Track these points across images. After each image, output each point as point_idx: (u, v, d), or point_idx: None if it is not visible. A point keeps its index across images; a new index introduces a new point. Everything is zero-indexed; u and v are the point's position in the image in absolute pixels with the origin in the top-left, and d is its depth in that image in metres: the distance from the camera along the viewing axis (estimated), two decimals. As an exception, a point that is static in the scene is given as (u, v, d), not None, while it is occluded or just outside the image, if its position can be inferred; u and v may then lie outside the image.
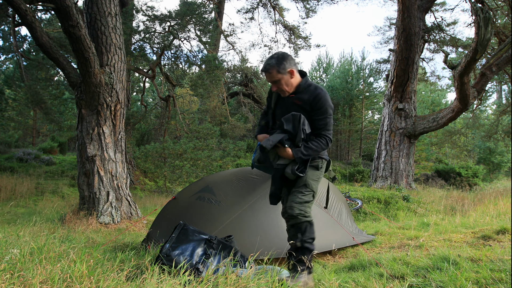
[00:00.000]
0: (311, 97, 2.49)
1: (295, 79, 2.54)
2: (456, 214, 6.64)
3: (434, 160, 22.82)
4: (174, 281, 2.03)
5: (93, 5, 5.88)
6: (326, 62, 28.05)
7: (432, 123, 11.82)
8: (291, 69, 2.49)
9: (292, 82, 2.54)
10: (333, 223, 4.32)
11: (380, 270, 2.77)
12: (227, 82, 20.48)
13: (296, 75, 2.54)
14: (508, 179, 18.76)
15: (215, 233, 3.58)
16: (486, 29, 8.05)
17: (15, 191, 9.57)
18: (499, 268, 2.54)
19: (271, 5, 18.36)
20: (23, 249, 2.27)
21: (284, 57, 2.51)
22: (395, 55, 12.08)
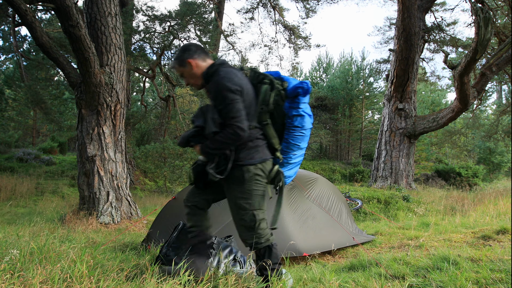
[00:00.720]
0: (211, 84, 2.14)
1: (199, 70, 2.21)
2: (456, 214, 6.64)
3: (434, 160, 22.82)
4: (174, 281, 2.03)
5: (93, 5, 5.88)
6: (326, 62, 28.05)
7: (432, 123, 11.82)
8: (188, 60, 2.19)
9: (196, 74, 2.22)
10: (333, 223, 4.32)
11: (380, 270, 2.77)
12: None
13: (199, 66, 2.21)
14: (508, 179, 18.76)
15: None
16: (486, 29, 8.05)
17: (15, 191, 9.57)
18: (499, 268, 2.54)
19: (271, 5, 18.36)
20: (23, 249, 2.27)
21: (184, 49, 2.25)
22: (395, 55, 12.08)
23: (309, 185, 4.46)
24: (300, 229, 3.87)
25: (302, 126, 2.27)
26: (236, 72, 2.16)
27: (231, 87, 2.03)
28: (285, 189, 4.06)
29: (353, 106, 24.44)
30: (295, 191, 4.22)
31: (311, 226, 4.05)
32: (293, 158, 2.35)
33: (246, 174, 2.12)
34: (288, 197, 4.10)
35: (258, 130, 2.20)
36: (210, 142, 2.09)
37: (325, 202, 4.51)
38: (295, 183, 4.26)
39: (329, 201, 4.60)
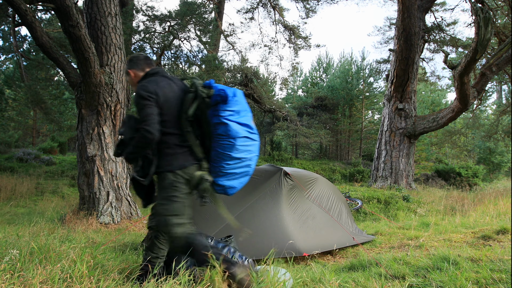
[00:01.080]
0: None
1: (136, 79, 2.38)
2: (456, 214, 6.64)
3: (434, 160, 22.82)
4: (173, 281, 2.03)
5: (93, 5, 5.88)
6: (326, 62, 28.06)
7: (432, 123, 11.83)
8: (128, 70, 2.39)
9: (134, 82, 2.38)
10: (333, 223, 4.33)
11: (380, 270, 2.77)
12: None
13: (137, 75, 2.38)
14: (508, 179, 18.76)
15: (215, 233, 3.59)
16: (486, 29, 8.05)
17: (15, 191, 9.57)
18: (499, 268, 2.54)
19: (271, 5, 18.36)
20: (23, 249, 2.27)
21: (129, 59, 2.44)
22: (395, 55, 12.08)
23: (309, 185, 4.47)
24: (300, 229, 3.88)
25: (228, 134, 2.19)
26: (159, 81, 2.25)
27: (143, 94, 2.14)
28: (285, 189, 4.08)
29: (353, 106, 24.45)
30: (295, 191, 4.22)
31: (311, 226, 4.05)
32: (228, 167, 2.26)
33: (164, 181, 2.18)
34: (288, 197, 4.11)
35: (178, 137, 2.23)
36: (128, 147, 2.19)
37: (325, 202, 4.51)
38: (295, 183, 4.26)
39: (329, 201, 4.60)
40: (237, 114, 2.23)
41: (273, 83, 27.11)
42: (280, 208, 3.92)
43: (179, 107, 2.24)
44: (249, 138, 2.26)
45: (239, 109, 2.23)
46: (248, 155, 2.28)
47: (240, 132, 2.21)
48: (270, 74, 31.69)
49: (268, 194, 4.02)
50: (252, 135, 2.28)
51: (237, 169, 2.28)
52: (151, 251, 2.28)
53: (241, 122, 2.23)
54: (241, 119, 2.23)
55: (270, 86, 25.49)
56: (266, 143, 25.85)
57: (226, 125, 2.18)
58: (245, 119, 2.26)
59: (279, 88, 33.56)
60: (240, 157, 2.25)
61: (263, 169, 4.41)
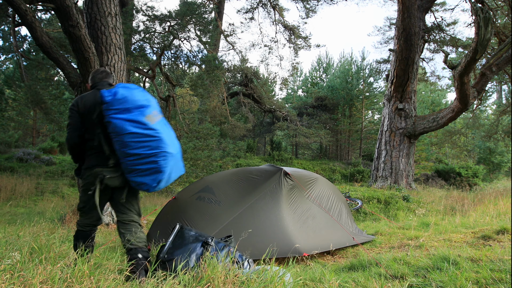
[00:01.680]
0: None
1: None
2: (456, 214, 6.64)
3: (434, 160, 22.82)
4: (173, 281, 2.03)
5: (93, 5, 5.87)
6: (326, 62, 28.06)
7: (432, 123, 11.82)
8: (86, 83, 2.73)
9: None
10: (333, 223, 4.33)
11: (380, 270, 2.77)
12: (227, 82, 20.48)
13: (87, 88, 2.73)
14: (508, 179, 18.76)
15: (215, 233, 3.59)
16: (486, 29, 8.05)
17: (15, 191, 9.57)
18: (499, 268, 2.54)
19: (271, 5, 18.36)
20: (23, 249, 2.27)
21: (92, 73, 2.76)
22: (395, 55, 12.08)
23: (309, 185, 4.46)
24: (300, 229, 3.88)
25: (115, 132, 2.34)
26: (89, 93, 2.57)
27: (72, 107, 2.52)
28: (285, 189, 4.08)
29: (353, 106, 24.45)
30: (295, 191, 4.22)
31: (311, 226, 4.05)
32: (130, 164, 2.37)
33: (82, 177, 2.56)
34: (288, 197, 4.11)
35: (93, 141, 2.47)
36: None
37: (325, 202, 4.51)
38: (295, 183, 4.26)
39: (329, 201, 4.60)
40: (124, 112, 2.34)
41: (273, 83, 27.11)
42: (280, 208, 3.92)
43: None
44: (142, 135, 2.33)
45: (127, 107, 2.35)
46: (147, 151, 2.34)
47: (127, 128, 2.31)
48: (270, 74, 31.69)
49: (268, 194, 4.02)
50: (147, 131, 2.34)
51: (140, 165, 2.35)
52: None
53: (129, 119, 2.33)
54: (130, 116, 2.33)
55: (270, 86, 25.49)
56: (266, 143, 25.85)
57: (111, 123, 2.35)
58: (135, 116, 2.34)
59: (279, 88, 33.59)
60: (136, 153, 2.33)
61: (263, 169, 4.41)
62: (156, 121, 2.43)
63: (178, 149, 2.56)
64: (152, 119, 2.40)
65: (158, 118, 2.46)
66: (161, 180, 2.43)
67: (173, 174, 2.52)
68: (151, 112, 2.41)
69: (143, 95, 2.47)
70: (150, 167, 2.37)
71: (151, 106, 2.43)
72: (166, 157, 2.39)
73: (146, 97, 2.46)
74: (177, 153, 2.53)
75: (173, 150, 2.46)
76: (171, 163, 2.43)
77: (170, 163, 2.43)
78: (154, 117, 2.42)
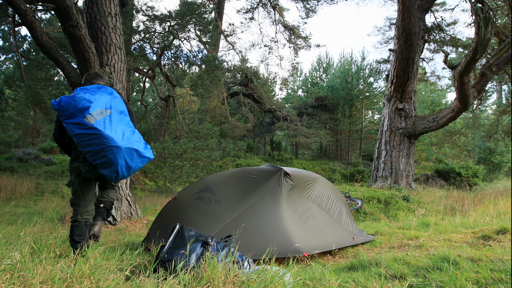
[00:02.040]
0: None
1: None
2: (456, 214, 6.64)
3: (434, 160, 22.82)
4: (173, 281, 2.03)
5: (93, 5, 5.88)
6: (326, 62, 28.06)
7: (432, 123, 11.82)
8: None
9: None
10: (333, 223, 4.33)
11: (380, 270, 2.77)
12: (227, 82, 20.48)
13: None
14: (508, 179, 18.76)
15: (215, 233, 3.59)
16: (486, 29, 8.05)
17: (15, 191, 9.57)
18: (499, 268, 2.54)
19: (271, 5, 18.36)
20: (23, 249, 2.27)
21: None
22: (395, 55, 12.08)
23: (309, 185, 4.46)
24: (300, 229, 3.88)
25: (70, 134, 2.74)
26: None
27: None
28: (285, 189, 4.08)
29: (353, 106, 24.45)
30: (295, 191, 4.22)
31: (311, 226, 4.05)
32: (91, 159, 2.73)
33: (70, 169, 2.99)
34: (288, 197, 4.11)
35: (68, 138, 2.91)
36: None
37: (325, 202, 4.51)
38: (295, 183, 4.26)
39: (329, 201, 4.60)
40: (70, 117, 2.70)
41: (273, 83, 27.11)
42: (280, 208, 3.92)
43: None
44: (85, 134, 2.65)
45: (71, 112, 2.70)
46: (94, 148, 2.66)
47: (74, 131, 2.68)
48: (270, 74, 31.69)
49: (268, 194, 4.02)
50: (88, 130, 2.65)
51: (97, 160, 2.71)
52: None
53: (74, 122, 2.68)
54: (74, 120, 2.68)
55: (270, 86, 25.49)
56: (266, 143, 25.85)
57: (65, 127, 2.74)
58: (78, 119, 2.67)
59: (279, 88, 33.59)
60: (88, 150, 2.70)
61: (263, 169, 4.41)
62: (98, 119, 2.68)
63: (130, 140, 2.79)
64: (91, 119, 2.66)
65: (103, 115, 2.72)
66: (117, 171, 2.74)
67: (132, 163, 2.78)
68: (91, 112, 2.67)
69: (85, 97, 2.74)
70: (103, 161, 2.70)
71: (91, 107, 2.69)
72: (112, 150, 2.66)
73: (88, 99, 2.73)
74: (127, 144, 2.74)
75: (120, 143, 2.69)
76: (120, 155, 2.69)
77: (120, 155, 2.69)
78: (95, 116, 2.68)
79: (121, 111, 2.86)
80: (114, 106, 2.82)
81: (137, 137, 2.86)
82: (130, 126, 2.88)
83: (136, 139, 2.83)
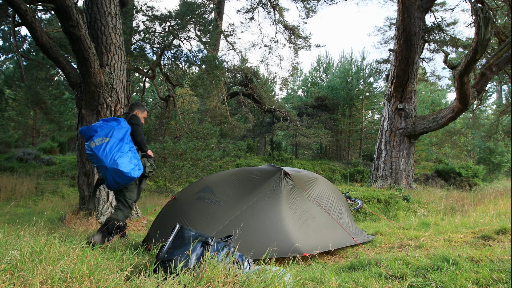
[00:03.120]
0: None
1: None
2: (456, 214, 6.64)
3: (434, 160, 22.82)
4: (173, 281, 2.03)
5: (93, 5, 5.88)
6: (326, 62, 28.06)
7: (432, 123, 11.82)
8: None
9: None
10: (333, 223, 4.33)
11: (380, 270, 2.77)
12: (227, 82, 20.48)
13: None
14: (508, 179, 18.76)
15: (215, 233, 3.59)
16: (486, 29, 8.05)
17: (15, 191, 9.57)
18: (499, 268, 2.54)
19: (271, 5, 18.36)
20: (23, 249, 2.27)
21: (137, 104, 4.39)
22: (395, 55, 12.08)
23: (309, 185, 4.46)
24: (300, 229, 3.87)
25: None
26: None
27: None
28: (285, 189, 4.08)
29: (353, 106, 24.45)
30: (295, 191, 4.22)
31: (311, 226, 4.04)
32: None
33: None
34: (288, 197, 4.11)
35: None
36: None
37: (325, 202, 4.51)
38: (295, 183, 4.26)
39: (329, 201, 4.60)
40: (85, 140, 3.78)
41: (273, 83, 27.12)
42: (280, 208, 3.92)
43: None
44: (89, 154, 3.71)
45: (85, 137, 3.78)
46: (95, 164, 3.77)
47: (86, 150, 3.78)
48: (270, 74, 31.68)
49: (268, 194, 4.01)
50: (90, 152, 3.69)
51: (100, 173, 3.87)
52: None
53: (86, 144, 3.75)
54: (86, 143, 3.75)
55: (270, 86, 25.49)
56: (266, 143, 25.85)
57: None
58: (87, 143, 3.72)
59: (279, 88, 33.58)
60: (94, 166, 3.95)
61: (263, 169, 4.41)
62: (97, 144, 3.65)
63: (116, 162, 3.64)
64: (93, 144, 3.66)
65: (102, 142, 3.67)
66: (108, 184, 3.77)
67: (118, 179, 3.68)
68: (94, 139, 3.68)
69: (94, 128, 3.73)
70: (101, 174, 3.80)
71: (96, 135, 3.69)
72: (101, 168, 3.69)
73: (95, 129, 3.72)
74: (113, 165, 3.63)
75: (107, 164, 3.62)
76: (108, 172, 3.65)
77: (108, 172, 3.65)
78: (96, 142, 3.66)
79: (120, 138, 3.74)
80: (114, 135, 3.71)
81: (126, 160, 3.69)
82: (123, 151, 3.70)
83: (124, 162, 3.66)
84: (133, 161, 3.74)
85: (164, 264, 2.46)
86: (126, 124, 3.89)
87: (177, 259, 2.46)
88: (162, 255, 2.53)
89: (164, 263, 2.48)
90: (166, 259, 2.50)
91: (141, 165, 3.83)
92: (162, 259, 2.50)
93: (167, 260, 2.48)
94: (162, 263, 2.48)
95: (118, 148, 3.66)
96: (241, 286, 2.13)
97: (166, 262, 2.47)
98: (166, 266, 2.44)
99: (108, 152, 3.61)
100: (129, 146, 3.79)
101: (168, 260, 2.48)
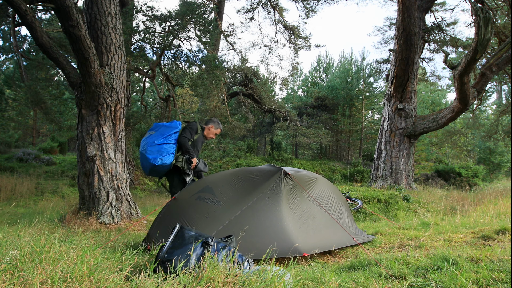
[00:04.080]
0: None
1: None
2: (456, 214, 6.64)
3: (434, 160, 22.82)
4: (173, 281, 2.03)
5: (93, 5, 5.88)
6: (326, 62, 28.06)
7: (432, 123, 11.82)
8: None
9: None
10: (333, 223, 4.33)
11: (380, 270, 2.77)
12: (227, 82, 20.47)
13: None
14: (508, 179, 18.76)
15: (215, 233, 3.59)
16: (486, 29, 8.05)
17: (15, 191, 9.57)
18: (499, 268, 2.54)
19: (271, 5, 18.36)
20: (23, 249, 2.27)
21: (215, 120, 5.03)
22: (395, 55, 12.08)
23: (309, 185, 4.46)
24: (300, 229, 3.87)
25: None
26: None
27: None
28: (285, 189, 4.09)
29: (353, 106, 24.45)
30: (295, 191, 4.22)
31: (311, 226, 4.04)
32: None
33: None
34: (288, 197, 4.11)
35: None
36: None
37: (325, 202, 4.51)
38: (295, 183, 4.26)
39: (329, 201, 4.60)
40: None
41: (273, 83, 27.11)
42: (280, 208, 3.92)
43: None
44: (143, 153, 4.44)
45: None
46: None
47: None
48: (270, 74, 31.67)
49: (268, 194, 4.01)
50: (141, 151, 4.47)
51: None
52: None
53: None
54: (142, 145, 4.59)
55: (270, 86, 25.49)
56: (266, 143, 25.85)
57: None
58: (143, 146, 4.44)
59: (279, 88, 33.58)
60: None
61: (263, 169, 4.41)
62: (146, 136, 4.47)
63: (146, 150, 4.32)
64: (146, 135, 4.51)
65: (149, 135, 4.45)
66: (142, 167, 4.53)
67: (144, 162, 4.36)
68: (148, 133, 4.51)
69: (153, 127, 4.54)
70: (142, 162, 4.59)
71: (149, 130, 4.51)
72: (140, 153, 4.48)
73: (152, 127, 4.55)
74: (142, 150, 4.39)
75: (141, 150, 4.42)
76: (140, 156, 4.44)
77: (141, 157, 4.44)
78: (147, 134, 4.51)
79: (163, 134, 4.35)
80: (160, 131, 4.40)
81: (155, 150, 4.26)
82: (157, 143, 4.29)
83: (153, 150, 4.26)
84: (162, 152, 4.24)
85: (164, 264, 2.46)
86: (179, 127, 4.49)
87: (177, 259, 2.46)
88: (162, 255, 2.53)
89: (164, 263, 2.48)
90: (166, 259, 2.50)
91: (167, 158, 4.27)
92: (162, 259, 2.50)
93: (167, 260, 2.48)
94: (162, 263, 2.48)
95: (154, 140, 4.29)
96: (241, 286, 2.13)
97: (166, 262, 2.47)
98: (166, 266, 2.44)
99: (146, 141, 4.34)
100: (167, 142, 4.32)
101: (168, 260, 2.48)
